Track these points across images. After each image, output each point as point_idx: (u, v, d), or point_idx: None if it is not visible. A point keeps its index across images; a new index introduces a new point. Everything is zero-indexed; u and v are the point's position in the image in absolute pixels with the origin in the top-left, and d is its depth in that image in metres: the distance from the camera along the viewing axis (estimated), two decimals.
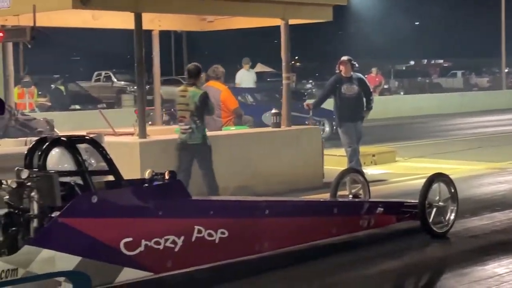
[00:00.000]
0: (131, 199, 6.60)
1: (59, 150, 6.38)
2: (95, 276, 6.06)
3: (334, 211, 8.30)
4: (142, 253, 6.41)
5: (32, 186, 6.03)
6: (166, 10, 11.95)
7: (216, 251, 6.99)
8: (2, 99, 6.45)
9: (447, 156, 16.21)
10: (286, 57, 12.94)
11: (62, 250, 5.94)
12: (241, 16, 12.94)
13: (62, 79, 32.17)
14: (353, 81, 13.22)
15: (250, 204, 7.96)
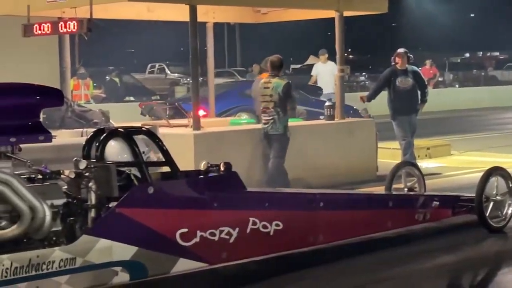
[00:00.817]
0: (187, 190, 6.68)
1: (116, 141, 6.51)
2: (151, 266, 6.17)
3: (389, 204, 8.29)
4: (198, 244, 6.46)
5: (90, 177, 6.12)
6: (221, 2, 12.03)
7: (271, 243, 7.02)
8: (61, 91, 6.58)
9: (503, 150, 15.96)
10: (340, 49, 12.91)
11: (119, 240, 6.03)
12: (295, 8, 12.92)
13: (117, 71, 32.38)
14: (408, 74, 13.15)
15: (304, 197, 7.94)
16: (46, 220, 5.70)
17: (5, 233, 5.60)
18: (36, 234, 5.74)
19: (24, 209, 5.59)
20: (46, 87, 6.91)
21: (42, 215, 5.66)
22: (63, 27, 11.15)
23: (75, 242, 5.84)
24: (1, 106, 5.94)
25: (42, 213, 5.66)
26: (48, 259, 5.62)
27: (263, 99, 11.23)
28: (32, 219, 5.62)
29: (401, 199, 8.70)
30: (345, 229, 7.79)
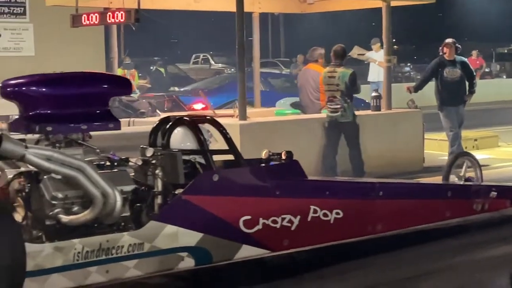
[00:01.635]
0: (250, 178, 6.78)
1: (182, 129, 6.66)
2: (215, 252, 6.32)
3: (448, 194, 8.25)
4: (260, 231, 6.58)
5: (156, 164, 6.29)
6: None
7: (331, 231, 7.10)
8: (129, 80, 6.75)
9: None
10: (387, 39, 12.88)
11: (185, 226, 6.18)
12: None
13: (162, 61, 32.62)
14: (456, 65, 13.06)
15: (364, 186, 8.06)
16: (117, 206, 5.84)
17: (78, 218, 5.74)
18: (106, 219, 5.89)
19: (97, 195, 5.72)
20: (115, 76, 7.28)
21: (113, 201, 5.80)
22: (111, 18, 11.24)
23: (143, 227, 6.01)
24: (73, 94, 6.16)
25: (114, 199, 5.80)
26: (118, 244, 5.80)
27: (328, 88, 11.57)
28: (103, 204, 5.75)
29: (460, 189, 8.62)
30: (404, 219, 7.82)
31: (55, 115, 6.01)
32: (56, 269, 5.43)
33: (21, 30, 24.21)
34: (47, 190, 5.73)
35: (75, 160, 5.76)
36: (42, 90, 6.07)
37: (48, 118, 5.96)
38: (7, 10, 24.32)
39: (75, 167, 5.70)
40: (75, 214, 5.79)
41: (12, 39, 24.03)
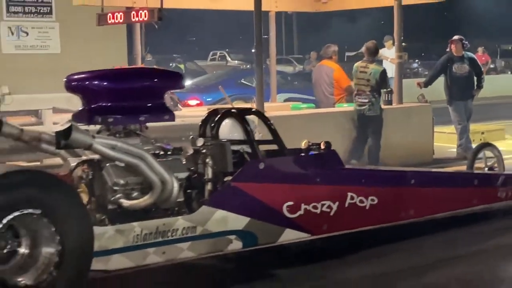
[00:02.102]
0: (293, 166, 6.98)
1: (229, 121, 6.86)
2: (261, 236, 6.54)
3: (474, 182, 8.39)
4: (302, 216, 6.76)
5: (207, 153, 6.49)
6: None
7: (367, 217, 7.29)
8: (182, 75, 7.25)
9: None
10: (398, 37, 12.90)
11: (233, 211, 6.37)
12: None
13: (181, 58, 32.70)
14: (464, 61, 13.07)
15: (397, 174, 8.18)
16: (174, 192, 6.05)
17: (138, 202, 5.97)
18: (163, 204, 6.11)
19: (156, 182, 5.93)
20: (169, 71, 8.05)
21: (171, 187, 6.00)
22: (135, 16, 11.31)
23: (195, 212, 6.21)
24: (131, 88, 6.41)
25: (171, 185, 6.00)
26: (173, 227, 5.99)
27: (358, 82, 11.78)
28: (162, 191, 5.96)
29: (485, 177, 8.72)
30: (434, 205, 7.97)
31: (115, 107, 6.19)
32: (117, 250, 5.63)
33: (48, 28, 24.25)
34: (109, 176, 5.97)
35: (136, 149, 5.99)
36: (104, 84, 6.28)
37: (109, 110, 6.15)
38: (34, 9, 24.36)
39: (136, 156, 5.92)
40: (135, 199, 6.01)
41: (39, 37, 24.08)
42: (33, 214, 5.08)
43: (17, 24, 23.96)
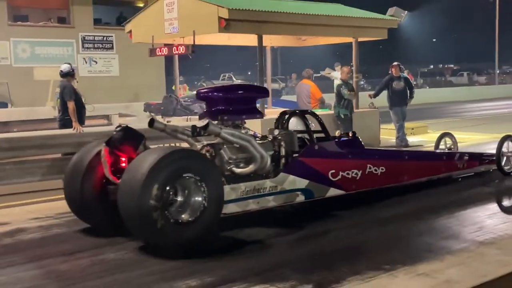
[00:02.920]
0: (334, 148, 7.24)
1: (295, 118, 7.22)
2: (316, 192, 6.84)
3: (443, 158, 8.70)
4: (340, 179, 7.04)
5: (281, 139, 6.71)
6: (278, 33, 11.91)
7: (379, 180, 7.53)
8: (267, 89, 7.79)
9: (461, 129, 15.59)
10: (356, 63, 12.84)
11: (299, 176, 6.66)
12: (326, 36, 12.82)
13: (204, 78, 32.68)
14: (401, 79, 13.03)
15: (397, 152, 8.67)
16: (267, 163, 6.37)
17: (244, 170, 6.26)
18: (260, 171, 6.38)
19: (257, 157, 6.25)
20: (259, 86, 8.67)
21: (266, 161, 6.33)
22: (175, 50, 11.28)
23: (276, 177, 6.47)
24: (237, 97, 6.73)
25: (266, 159, 6.33)
26: (263, 186, 6.33)
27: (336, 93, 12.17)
28: (260, 163, 6.27)
29: (449, 154, 8.92)
30: (419, 173, 8.20)
31: (228, 109, 6.50)
32: (231, 201, 6.00)
33: (110, 59, 24.17)
34: (226, 154, 6.30)
35: (246, 135, 6.32)
36: (220, 95, 6.63)
37: (224, 111, 6.46)
38: (101, 45, 24.26)
39: (245, 140, 6.23)
40: (242, 168, 6.29)
41: (104, 65, 24.02)
42: (190, 177, 5.49)
43: (89, 56, 23.85)
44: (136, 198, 5.16)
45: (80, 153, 6.18)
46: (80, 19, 23.41)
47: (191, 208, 5.51)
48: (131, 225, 5.36)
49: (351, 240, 5.82)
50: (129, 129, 6.14)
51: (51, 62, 21.73)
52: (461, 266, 4.85)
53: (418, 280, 4.56)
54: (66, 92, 9.15)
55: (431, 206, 7.13)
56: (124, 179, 5.39)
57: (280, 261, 5.12)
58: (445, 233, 5.88)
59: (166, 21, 11.00)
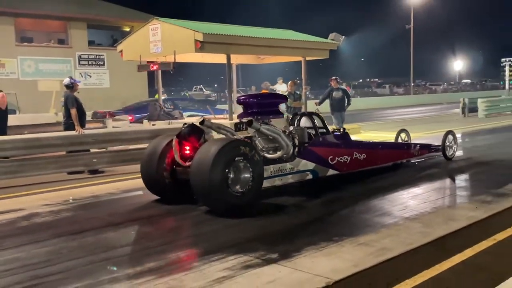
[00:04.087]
0: (332, 139, 7.66)
1: (305, 118, 7.71)
2: (320, 172, 7.28)
3: (404, 147, 9.13)
4: (336, 163, 7.50)
5: (295, 133, 7.10)
6: (243, 53, 11.89)
7: (361, 163, 7.95)
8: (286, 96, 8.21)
9: (384, 130, 15.89)
10: (305, 77, 12.90)
11: (309, 160, 7.12)
12: (280, 55, 12.86)
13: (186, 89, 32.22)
14: (339, 90, 13.23)
15: (374, 143, 8.99)
16: (290, 151, 6.83)
17: (273, 156, 6.74)
18: (284, 157, 6.80)
19: (284, 145, 6.73)
20: (280, 94, 9.40)
21: (290, 149, 6.81)
22: (160, 66, 11.17)
23: (294, 161, 6.91)
24: (266, 102, 7.09)
25: (290, 147, 6.81)
26: (285, 168, 6.80)
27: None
28: (286, 150, 6.74)
29: (407, 144, 9.35)
30: (390, 158, 8.67)
31: (260, 111, 6.83)
32: (264, 178, 6.33)
33: (102, 73, 23.74)
34: (260, 144, 6.83)
35: (276, 129, 6.79)
36: (253, 100, 6.94)
37: (257, 113, 6.79)
38: (95, 62, 23.81)
39: (276, 133, 6.72)
40: (272, 155, 6.77)
41: (97, 78, 23.59)
42: (240, 160, 5.95)
43: (84, 71, 23.35)
44: (206, 176, 5.68)
45: (153, 143, 6.67)
46: (77, 40, 22.94)
47: (242, 183, 5.98)
48: (202, 195, 5.89)
49: (309, 217, 5.87)
50: (194, 126, 6.59)
51: (52, 76, 21.22)
52: (393, 237, 4.95)
53: (360, 248, 4.65)
54: (69, 101, 8.98)
55: (368, 190, 7.24)
56: (194, 163, 5.88)
57: (253, 236, 5.14)
58: (379, 211, 5.99)
59: (151, 43, 10.88)
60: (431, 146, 9.63)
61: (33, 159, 8.29)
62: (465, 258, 4.38)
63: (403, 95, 49.82)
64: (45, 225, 5.68)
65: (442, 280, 3.95)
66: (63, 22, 22.97)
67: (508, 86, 32.71)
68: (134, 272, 4.16)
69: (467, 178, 8.32)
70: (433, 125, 17.20)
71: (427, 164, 9.32)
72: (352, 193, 7.11)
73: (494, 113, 22.11)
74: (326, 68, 58.42)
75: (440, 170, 8.79)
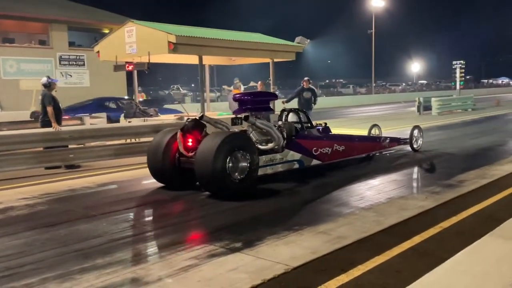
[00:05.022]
0: (316, 133, 7.90)
1: (292, 113, 7.96)
2: (305, 162, 7.51)
3: (377, 140, 9.34)
4: (319, 154, 7.72)
5: (284, 127, 7.36)
6: (214, 54, 11.75)
7: (340, 154, 8.18)
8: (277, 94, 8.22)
9: (348, 126, 16.09)
10: (273, 78, 12.87)
11: (296, 151, 7.31)
12: (250, 57, 12.77)
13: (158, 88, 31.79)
14: (309, 90, 13.23)
15: (351, 136, 9.01)
16: (281, 143, 7.02)
17: (266, 147, 6.94)
18: (275, 148, 6.99)
19: (276, 138, 6.93)
20: (271, 92, 8.97)
21: (281, 141, 7.01)
22: (135, 67, 10.97)
23: (283, 152, 7.11)
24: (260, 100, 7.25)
25: (281, 139, 7.01)
26: (275, 158, 7.01)
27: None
28: (277, 142, 6.93)
29: (379, 138, 9.55)
30: (364, 150, 8.92)
31: (253, 107, 7.03)
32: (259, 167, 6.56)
33: (82, 73, 23.24)
34: (254, 136, 6.99)
35: (269, 123, 7.00)
36: (248, 98, 7.13)
37: (251, 108, 6.99)
38: (75, 63, 23.31)
39: (268, 126, 6.91)
40: (264, 146, 6.95)
41: (77, 78, 23.10)
42: (238, 151, 6.18)
43: (65, 70, 22.82)
44: (210, 165, 5.93)
45: (159, 136, 6.84)
46: (58, 42, 22.38)
47: (240, 170, 6.21)
48: (205, 182, 6.10)
49: (270, 208, 5.83)
50: (197, 121, 6.76)
51: (33, 76, 20.67)
52: (349, 226, 4.97)
53: (318, 236, 4.65)
54: (46, 99, 8.73)
55: (328, 182, 7.25)
56: (199, 153, 6.09)
57: (219, 226, 5.09)
58: (338, 202, 6.01)
59: (126, 44, 10.67)
60: (400, 139, 9.91)
61: (11, 155, 8.02)
62: (413, 244, 4.42)
63: (365, 95, 50.43)
64: (20, 218, 5.51)
65: (392, 264, 3.97)
66: (45, 24, 22.38)
67: (459, 87, 33.46)
68: (103, 262, 4.06)
69: (419, 170, 8.44)
70: (392, 122, 17.45)
71: (387, 156, 9.50)
72: (312, 184, 7.11)
73: (446, 111, 22.59)
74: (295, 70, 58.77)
75: (392, 163, 8.89)
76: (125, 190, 6.66)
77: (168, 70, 46.77)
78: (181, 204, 5.96)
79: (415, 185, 7.14)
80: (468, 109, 24.23)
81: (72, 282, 3.66)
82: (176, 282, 3.64)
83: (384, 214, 5.36)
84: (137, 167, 8.57)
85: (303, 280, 3.68)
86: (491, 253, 3.50)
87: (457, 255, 3.55)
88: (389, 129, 14.38)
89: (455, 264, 3.45)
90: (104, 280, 3.68)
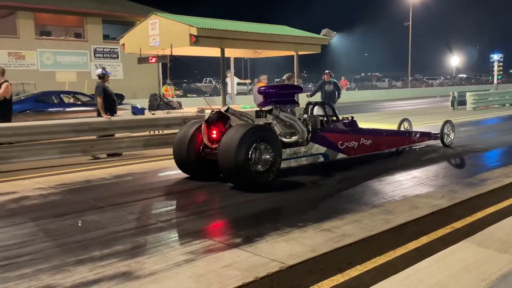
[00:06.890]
0: (342, 126, 7.80)
1: (317, 106, 7.96)
2: (330, 156, 7.44)
3: (406, 134, 9.19)
4: (345, 148, 7.68)
5: (309, 120, 7.37)
6: (236, 47, 11.65)
7: (368, 149, 8.12)
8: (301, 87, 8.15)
9: (381, 121, 15.61)
10: (297, 71, 12.67)
11: (321, 144, 7.29)
12: (275, 50, 12.63)
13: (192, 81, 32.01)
14: (331, 83, 12.97)
15: (379, 130, 8.95)
16: (305, 135, 7.03)
17: (290, 140, 6.97)
18: (300, 141, 7.00)
19: (300, 131, 6.94)
20: (297, 86, 8.71)
21: (305, 133, 7.02)
22: (158, 59, 11.02)
23: (308, 145, 7.11)
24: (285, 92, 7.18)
25: (305, 132, 7.02)
26: (300, 151, 6.99)
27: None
28: (301, 135, 6.94)
29: (409, 132, 9.40)
30: (393, 144, 8.81)
31: (279, 100, 6.96)
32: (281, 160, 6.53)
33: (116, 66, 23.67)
34: (278, 129, 7.06)
35: (293, 116, 6.99)
36: (273, 91, 7.06)
37: (276, 102, 6.91)
38: (109, 55, 23.74)
39: (293, 119, 6.90)
40: (288, 139, 6.98)
41: (111, 70, 23.52)
42: (261, 143, 6.18)
43: (99, 63, 23.29)
44: (233, 157, 5.94)
45: (184, 129, 6.91)
46: (92, 34, 22.85)
47: (263, 162, 6.21)
48: (228, 174, 6.11)
49: (275, 203, 5.69)
50: (221, 113, 6.75)
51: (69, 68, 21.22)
52: (355, 223, 4.78)
53: (321, 234, 4.49)
54: (97, 90, 9.10)
55: (350, 176, 7.01)
56: (222, 145, 6.11)
57: (223, 220, 5.01)
58: (350, 198, 5.81)
59: (150, 37, 10.73)
60: (430, 134, 9.65)
61: (37, 144, 8.18)
62: (419, 245, 4.19)
63: (401, 88, 49.23)
64: (31, 208, 5.59)
65: (393, 265, 3.77)
66: (80, 17, 22.89)
67: (496, 81, 32.12)
68: (100, 254, 4.04)
69: (443, 167, 8.08)
70: (424, 117, 16.89)
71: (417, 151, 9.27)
72: (337, 179, 6.96)
73: (482, 106, 21.70)
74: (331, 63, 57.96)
75: (420, 159, 8.56)
76: (139, 182, 6.67)
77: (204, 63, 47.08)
78: (194, 197, 5.92)
79: (434, 182, 6.82)
80: (506, 104, 23.20)
81: (65, 274, 3.65)
82: (166, 278, 3.58)
83: (395, 213, 5.13)
84: (159, 158, 8.65)
85: (297, 279, 3.55)
86: (458, 262, 3.15)
87: (420, 263, 3.22)
88: (420, 124, 13.91)
89: (414, 272, 3.04)
90: (97, 272, 3.65)
